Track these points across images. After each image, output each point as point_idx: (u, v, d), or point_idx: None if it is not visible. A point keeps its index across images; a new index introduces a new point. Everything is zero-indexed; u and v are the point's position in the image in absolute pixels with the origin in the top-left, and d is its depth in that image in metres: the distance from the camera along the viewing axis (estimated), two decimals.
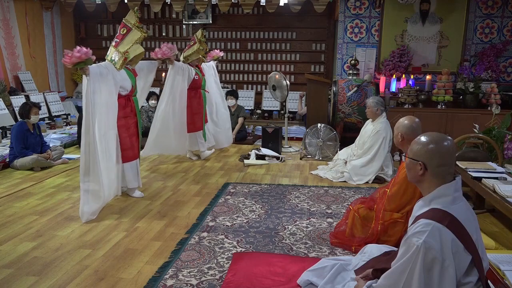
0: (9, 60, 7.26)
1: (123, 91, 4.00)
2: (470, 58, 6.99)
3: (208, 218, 3.64)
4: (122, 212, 3.81)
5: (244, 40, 8.72)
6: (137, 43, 3.91)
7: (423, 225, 1.69)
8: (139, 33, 3.92)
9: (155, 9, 7.84)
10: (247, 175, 5.15)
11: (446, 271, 1.65)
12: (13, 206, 3.90)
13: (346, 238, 3.09)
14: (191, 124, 5.63)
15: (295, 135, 7.47)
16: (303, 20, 8.45)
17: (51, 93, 7.74)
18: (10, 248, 3.02)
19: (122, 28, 3.99)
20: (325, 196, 4.32)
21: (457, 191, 1.80)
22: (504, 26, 6.88)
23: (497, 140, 4.57)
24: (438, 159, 1.77)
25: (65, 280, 2.59)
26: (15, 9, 7.38)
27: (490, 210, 3.96)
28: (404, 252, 1.72)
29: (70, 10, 8.27)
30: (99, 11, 8.50)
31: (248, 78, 8.82)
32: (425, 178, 1.82)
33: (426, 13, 6.97)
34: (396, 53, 6.98)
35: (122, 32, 3.98)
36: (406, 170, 1.92)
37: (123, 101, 4.01)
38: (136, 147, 4.20)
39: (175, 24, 8.87)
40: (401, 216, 2.86)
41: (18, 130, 5.18)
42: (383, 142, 4.80)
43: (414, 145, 1.86)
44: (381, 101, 4.94)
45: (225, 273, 2.66)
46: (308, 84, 6.65)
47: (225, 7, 7.52)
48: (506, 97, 6.40)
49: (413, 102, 6.42)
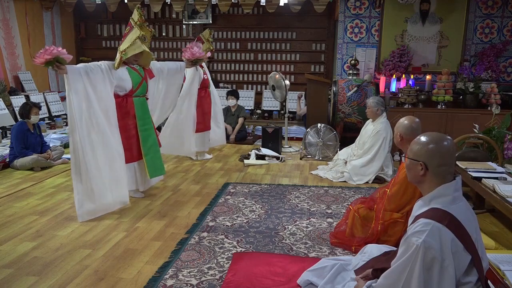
0: (9, 60, 7.26)
1: (121, 91, 3.94)
2: (470, 58, 6.99)
3: (208, 218, 3.64)
4: (122, 212, 3.80)
5: (244, 40, 8.72)
6: (136, 41, 3.85)
7: (422, 225, 1.69)
8: (138, 31, 3.89)
9: (155, 9, 7.84)
10: (247, 175, 5.15)
11: (446, 271, 1.65)
12: (13, 206, 3.90)
13: (346, 238, 3.09)
14: (201, 123, 5.63)
15: (295, 135, 7.47)
16: (303, 20, 8.45)
17: (51, 93, 7.74)
18: (10, 248, 3.02)
19: (127, 26, 4.01)
20: (325, 196, 4.32)
21: (457, 191, 1.80)
22: (504, 26, 6.88)
23: (497, 140, 4.57)
24: (439, 159, 1.77)
25: (65, 280, 2.59)
26: (15, 9, 7.38)
27: (490, 210, 3.96)
28: (404, 251, 1.72)
29: (70, 10, 8.27)
30: (99, 11, 8.50)
31: (248, 78, 8.82)
32: (426, 178, 1.82)
33: (426, 13, 6.97)
34: (396, 53, 6.98)
35: (126, 30, 4.00)
36: (407, 171, 1.91)
37: (119, 101, 3.93)
38: (135, 149, 4.06)
39: (175, 24, 8.87)
40: (401, 216, 2.86)
41: (18, 130, 5.18)
42: (383, 142, 4.80)
43: (414, 146, 1.85)
44: (381, 101, 4.94)
45: (225, 273, 2.66)
46: (308, 84, 6.65)
47: (225, 7, 7.52)
48: (506, 97, 6.40)
49: (413, 102, 6.42)
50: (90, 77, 3.64)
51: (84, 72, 3.61)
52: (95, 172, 3.60)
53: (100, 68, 3.74)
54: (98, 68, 3.73)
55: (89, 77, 3.64)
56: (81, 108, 3.57)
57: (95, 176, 3.60)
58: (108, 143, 3.75)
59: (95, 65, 3.74)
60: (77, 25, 9.11)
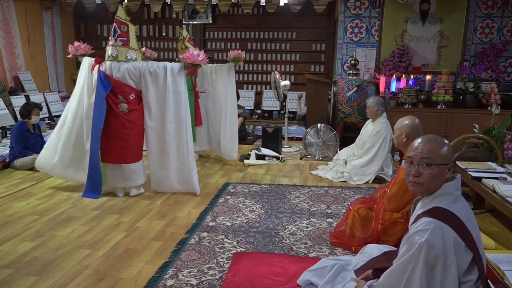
0: (8, 60, 7.26)
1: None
2: (470, 58, 6.99)
3: (208, 218, 3.64)
4: (122, 212, 3.80)
5: (244, 40, 8.71)
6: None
7: (425, 223, 1.69)
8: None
9: (155, 9, 7.84)
10: (247, 175, 5.15)
11: (449, 270, 1.64)
12: (13, 206, 3.90)
13: (346, 238, 3.09)
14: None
15: (295, 135, 7.47)
16: (303, 20, 8.45)
17: (51, 93, 7.74)
18: (10, 248, 3.02)
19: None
20: (325, 196, 4.32)
21: (458, 189, 1.81)
22: (504, 26, 6.88)
23: (497, 140, 4.57)
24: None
25: (65, 280, 2.59)
26: (15, 9, 7.37)
27: (490, 210, 3.96)
28: (406, 250, 1.72)
29: (70, 10, 8.26)
30: (99, 11, 8.50)
31: (248, 78, 8.82)
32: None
33: (426, 13, 6.97)
34: (396, 53, 6.98)
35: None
36: (432, 180, 1.78)
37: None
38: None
39: (175, 24, 8.87)
40: (401, 216, 2.86)
41: (18, 130, 5.18)
42: (383, 142, 4.80)
43: (438, 151, 1.78)
44: (382, 101, 4.94)
45: (225, 273, 2.66)
46: (308, 84, 6.65)
47: (225, 7, 7.52)
48: (506, 97, 6.40)
49: (413, 102, 6.42)
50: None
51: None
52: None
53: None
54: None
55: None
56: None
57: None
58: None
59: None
60: (77, 25, 9.11)
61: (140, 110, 4.17)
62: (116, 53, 4.08)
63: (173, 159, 4.19)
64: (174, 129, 4.16)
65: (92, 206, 3.94)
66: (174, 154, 4.19)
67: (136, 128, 4.16)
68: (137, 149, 4.21)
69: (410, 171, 1.83)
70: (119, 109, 4.06)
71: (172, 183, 4.27)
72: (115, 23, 4.09)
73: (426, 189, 1.81)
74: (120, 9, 4.11)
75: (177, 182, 4.26)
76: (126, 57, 4.09)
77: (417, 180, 1.80)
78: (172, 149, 4.18)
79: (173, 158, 4.19)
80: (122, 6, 4.11)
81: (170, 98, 4.12)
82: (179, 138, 4.18)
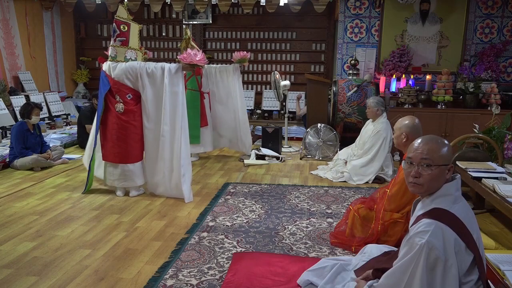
0: (8, 60, 7.26)
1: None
2: (470, 58, 6.99)
3: (208, 218, 3.64)
4: (122, 212, 3.81)
5: (244, 40, 8.71)
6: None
7: (425, 225, 1.69)
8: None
9: (155, 9, 7.84)
10: (247, 175, 5.15)
11: (449, 271, 1.64)
12: (13, 206, 3.90)
13: (346, 238, 3.09)
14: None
15: (295, 135, 7.47)
16: (303, 20, 8.44)
17: (51, 93, 7.73)
18: (10, 248, 3.02)
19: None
20: (325, 196, 4.32)
21: (458, 190, 1.80)
22: (504, 26, 6.88)
23: (497, 140, 4.57)
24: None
25: (65, 280, 2.59)
26: (15, 9, 7.37)
27: (490, 210, 3.96)
28: (407, 251, 1.71)
29: (70, 10, 8.26)
30: (99, 11, 8.50)
31: (248, 78, 8.81)
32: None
33: (426, 13, 6.97)
34: (396, 53, 6.97)
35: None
36: (432, 181, 1.78)
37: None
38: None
39: (175, 24, 8.87)
40: (401, 216, 2.86)
41: (18, 130, 5.18)
42: (383, 143, 4.80)
43: (438, 151, 1.77)
44: (382, 101, 4.94)
45: (225, 273, 2.66)
46: (308, 84, 6.65)
47: (225, 7, 7.52)
48: (506, 97, 6.40)
49: (413, 102, 6.42)
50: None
51: None
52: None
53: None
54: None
55: None
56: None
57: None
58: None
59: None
60: (77, 25, 9.10)
61: (137, 111, 4.13)
62: (114, 53, 4.08)
63: (167, 163, 4.11)
64: (170, 132, 4.06)
65: (92, 206, 3.94)
66: (168, 157, 4.10)
67: (133, 128, 4.11)
68: (135, 150, 4.17)
69: (410, 172, 1.83)
70: (116, 108, 4.06)
71: (166, 187, 4.19)
72: (115, 23, 4.09)
73: (426, 189, 1.81)
74: (121, 8, 4.10)
75: (170, 187, 4.18)
76: (125, 57, 4.09)
77: (417, 181, 1.80)
78: (167, 152, 4.10)
79: (167, 161, 4.11)
80: (123, 6, 4.10)
81: (167, 99, 4.03)
82: (173, 142, 4.08)
